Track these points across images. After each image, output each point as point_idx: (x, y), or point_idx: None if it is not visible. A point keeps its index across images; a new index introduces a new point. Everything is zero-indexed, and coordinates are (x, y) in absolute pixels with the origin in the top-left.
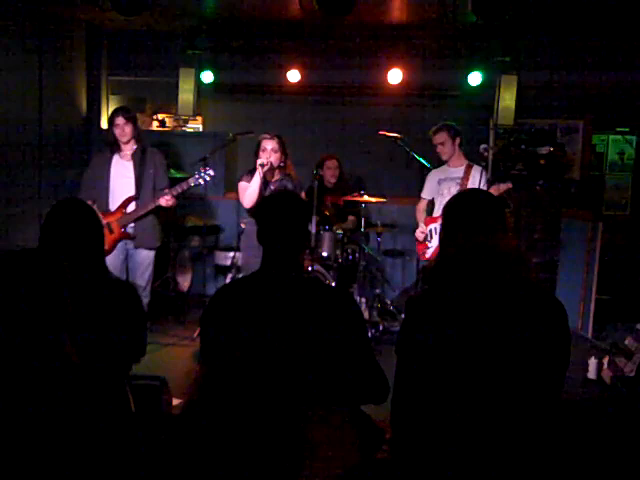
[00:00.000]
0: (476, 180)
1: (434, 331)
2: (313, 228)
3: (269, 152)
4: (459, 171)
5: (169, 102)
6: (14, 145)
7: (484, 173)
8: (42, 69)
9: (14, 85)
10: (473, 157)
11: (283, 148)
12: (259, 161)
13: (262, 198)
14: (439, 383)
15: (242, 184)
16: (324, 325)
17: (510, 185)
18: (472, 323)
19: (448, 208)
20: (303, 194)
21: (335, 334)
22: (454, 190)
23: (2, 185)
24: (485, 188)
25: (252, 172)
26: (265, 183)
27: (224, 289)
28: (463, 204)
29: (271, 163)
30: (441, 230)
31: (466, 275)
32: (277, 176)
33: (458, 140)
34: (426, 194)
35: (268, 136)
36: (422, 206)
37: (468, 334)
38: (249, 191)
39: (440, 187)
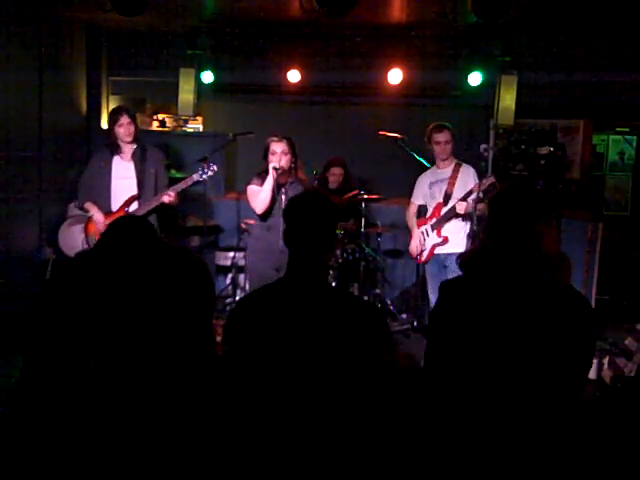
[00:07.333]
0: (466, 178)
1: (465, 317)
2: None
3: (279, 155)
4: (448, 171)
5: (169, 102)
6: (14, 145)
7: (474, 172)
8: (42, 69)
9: (14, 85)
10: (473, 157)
11: (293, 150)
12: (272, 165)
13: (290, 200)
14: (465, 368)
15: (252, 188)
16: (351, 341)
17: (493, 180)
18: (501, 315)
19: (498, 199)
20: None
21: (361, 352)
22: (444, 190)
23: (2, 185)
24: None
25: (261, 175)
26: (277, 186)
27: (250, 297)
28: (514, 197)
29: (282, 167)
30: (486, 219)
31: (503, 268)
32: (288, 179)
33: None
34: (417, 198)
35: (276, 138)
36: (413, 210)
37: (496, 325)
38: (262, 196)
39: (432, 190)
